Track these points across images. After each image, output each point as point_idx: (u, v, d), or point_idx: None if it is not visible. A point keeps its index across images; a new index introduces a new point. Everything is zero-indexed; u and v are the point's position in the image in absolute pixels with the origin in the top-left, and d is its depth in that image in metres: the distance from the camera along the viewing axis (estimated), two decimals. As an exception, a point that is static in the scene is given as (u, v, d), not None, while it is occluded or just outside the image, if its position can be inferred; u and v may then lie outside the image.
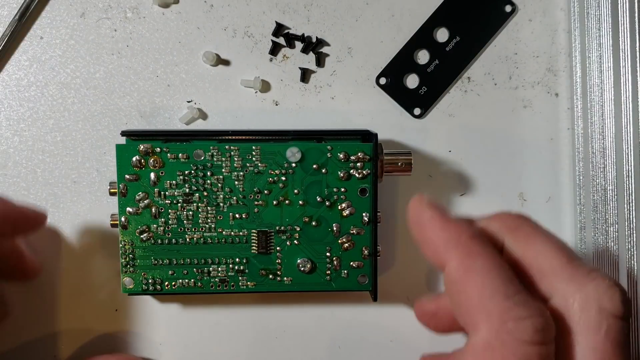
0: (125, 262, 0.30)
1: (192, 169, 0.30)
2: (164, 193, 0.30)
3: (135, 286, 0.30)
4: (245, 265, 0.30)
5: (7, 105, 0.34)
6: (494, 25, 0.35)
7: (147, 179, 0.30)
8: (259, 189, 0.30)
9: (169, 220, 0.30)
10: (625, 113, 0.32)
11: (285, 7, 0.35)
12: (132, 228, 0.30)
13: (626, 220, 0.32)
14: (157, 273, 0.30)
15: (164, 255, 0.30)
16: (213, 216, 0.30)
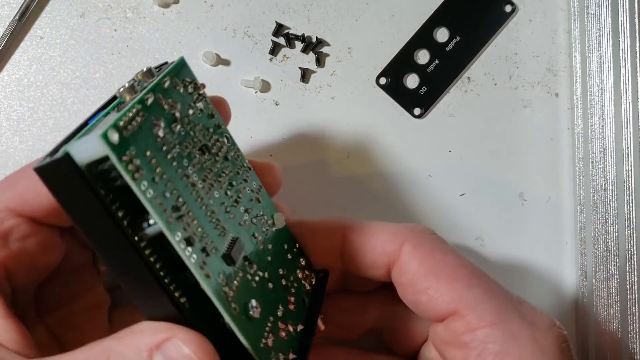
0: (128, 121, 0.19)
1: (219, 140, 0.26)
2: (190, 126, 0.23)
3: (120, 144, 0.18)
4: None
5: (7, 105, 0.34)
6: (494, 25, 0.35)
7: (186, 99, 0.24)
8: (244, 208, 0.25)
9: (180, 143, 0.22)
10: (625, 113, 0.32)
11: (285, 7, 0.35)
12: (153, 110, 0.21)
13: (626, 220, 0.32)
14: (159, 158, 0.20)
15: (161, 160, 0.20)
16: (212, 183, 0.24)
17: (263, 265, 0.24)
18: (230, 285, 0.21)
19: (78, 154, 0.18)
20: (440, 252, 0.25)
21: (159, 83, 0.22)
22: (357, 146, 0.35)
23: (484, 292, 0.24)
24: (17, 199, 0.23)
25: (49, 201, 0.23)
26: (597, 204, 0.33)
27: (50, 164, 0.18)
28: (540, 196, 0.35)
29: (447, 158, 0.35)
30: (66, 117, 0.34)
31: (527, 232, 0.35)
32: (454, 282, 0.24)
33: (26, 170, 0.24)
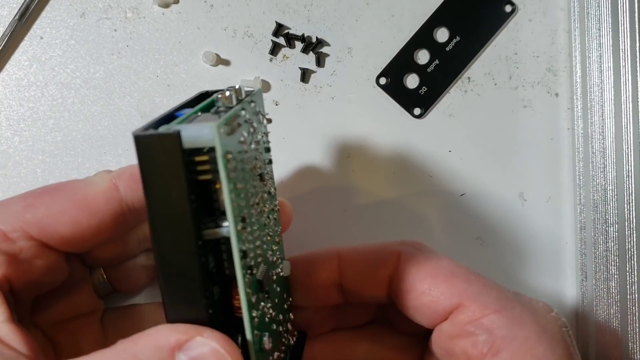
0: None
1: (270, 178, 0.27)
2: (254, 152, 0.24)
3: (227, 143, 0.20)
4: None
5: (7, 105, 0.34)
6: (494, 25, 0.35)
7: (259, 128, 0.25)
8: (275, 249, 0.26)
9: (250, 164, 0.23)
10: (625, 113, 0.32)
11: (285, 7, 0.35)
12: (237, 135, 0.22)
13: (626, 220, 0.32)
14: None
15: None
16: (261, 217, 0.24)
17: (273, 305, 0.24)
18: (257, 309, 0.22)
19: (186, 136, 0.18)
20: (434, 257, 0.27)
21: (249, 103, 0.22)
22: (357, 146, 0.35)
23: (483, 285, 0.25)
24: (35, 223, 0.24)
25: (67, 231, 0.24)
26: (597, 204, 0.33)
27: (157, 136, 0.18)
28: (540, 196, 0.35)
29: (447, 158, 0.35)
30: (66, 117, 0.34)
31: (527, 232, 0.35)
32: (453, 280, 0.25)
33: (50, 193, 0.24)
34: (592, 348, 0.33)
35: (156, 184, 0.19)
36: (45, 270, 0.25)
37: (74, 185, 0.25)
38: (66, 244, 0.24)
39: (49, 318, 0.27)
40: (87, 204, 0.24)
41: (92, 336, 0.28)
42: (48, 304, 0.27)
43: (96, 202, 0.24)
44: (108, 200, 0.24)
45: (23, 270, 0.24)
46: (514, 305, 0.24)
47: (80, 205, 0.24)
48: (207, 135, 0.18)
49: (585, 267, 0.34)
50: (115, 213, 0.25)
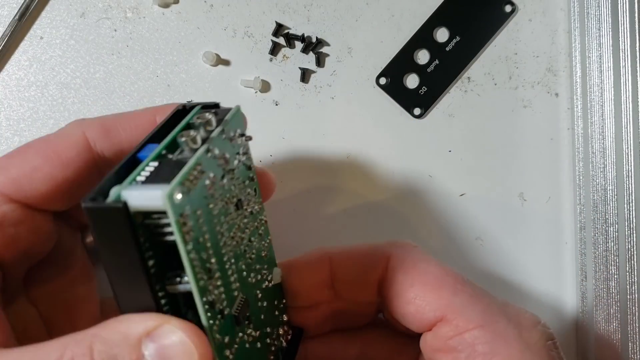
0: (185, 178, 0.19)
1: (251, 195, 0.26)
2: (231, 181, 0.23)
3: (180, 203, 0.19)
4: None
5: (7, 105, 0.34)
6: (494, 25, 0.35)
7: (233, 152, 0.24)
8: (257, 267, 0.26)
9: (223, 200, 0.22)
10: (625, 113, 0.32)
11: (285, 7, 0.35)
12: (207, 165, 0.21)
13: (626, 220, 0.32)
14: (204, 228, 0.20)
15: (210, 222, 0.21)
16: (239, 242, 0.24)
17: (257, 324, 0.24)
18: (231, 347, 0.21)
19: (133, 201, 0.18)
20: (423, 262, 0.26)
21: (219, 135, 0.21)
22: (357, 146, 0.35)
23: (469, 296, 0.25)
24: (10, 184, 0.23)
25: (44, 187, 0.23)
26: (597, 204, 0.33)
27: (104, 209, 0.18)
28: (540, 196, 0.35)
29: (447, 158, 0.35)
30: (66, 117, 0.34)
31: (527, 232, 0.35)
32: (440, 290, 0.25)
33: (20, 153, 0.24)
34: (592, 348, 0.33)
35: (108, 249, 0.18)
36: (32, 234, 0.24)
37: (45, 140, 0.24)
38: (47, 201, 0.24)
39: (43, 292, 0.26)
40: (58, 157, 0.24)
41: (89, 314, 0.28)
42: (41, 276, 0.26)
43: (67, 154, 0.24)
44: (80, 151, 0.24)
45: (9, 237, 0.23)
46: (498, 320, 0.24)
47: (52, 159, 0.23)
48: (157, 202, 0.17)
49: (585, 267, 0.34)
50: (89, 163, 0.24)
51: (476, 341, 0.23)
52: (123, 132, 0.25)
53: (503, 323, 0.24)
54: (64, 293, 0.27)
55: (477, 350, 0.23)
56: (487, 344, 0.23)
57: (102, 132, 0.24)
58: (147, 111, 0.25)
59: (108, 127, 0.24)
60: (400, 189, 0.35)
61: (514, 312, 0.25)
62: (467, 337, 0.24)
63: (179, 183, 0.18)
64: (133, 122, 0.25)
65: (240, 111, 0.23)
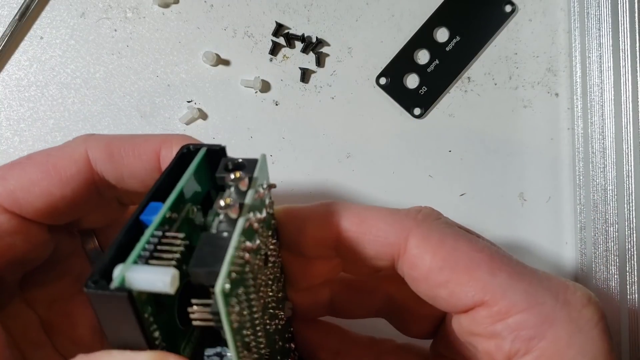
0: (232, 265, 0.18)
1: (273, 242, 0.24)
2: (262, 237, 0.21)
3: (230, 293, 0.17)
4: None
5: (7, 105, 0.34)
6: (494, 25, 0.35)
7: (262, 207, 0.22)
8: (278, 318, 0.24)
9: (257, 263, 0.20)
10: (625, 113, 0.32)
11: (285, 7, 0.35)
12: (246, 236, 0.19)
13: (626, 220, 0.32)
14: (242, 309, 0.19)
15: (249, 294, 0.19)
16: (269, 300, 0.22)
17: (272, 351, 0.23)
18: None
19: (139, 285, 0.17)
20: (451, 238, 0.23)
21: (252, 199, 0.19)
22: (357, 146, 0.35)
23: (509, 275, 0.22)
24: (7, 195, 0.23)
25: (40, 202, 0.23)
26: (597, 204, 0.33)
27: (108, 296, 0.17)
28: (540, 196, 0.35)
29: (447, 158, 0.35)
30: (66, 117, 0.34)
31: (527, 232, 0.35)
32: (475, 271, 0.22)
33: (21, 164, 0.24)
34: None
35: (112, 330, 0.18)
36: (27, 244, 0.24)
37: (46, 153, 0.24)
38: (42, 216, 0.23)
39: (42, 296, 0.26)
40: (58, 173, 0.23)
41: (88, 318, 0.27)
42: (39, 280, 0.26)
43: (67, 171, 0.23)
44: (80, 169, 0.23)
45: (4, 247, 0.23)
46: (544, 300, 0.21)
47: (51, 175, 0.23)
48: (166, 288, 0.16)
49: (585, 267, 0.34)
50: (88, 182, 0.24)
51: (520, 326, 0.21)
52: (126, 158, 0.24)
53: (549, 304, 0.21)
54: (63, 298, 0.27)
55: (522, 335, 0.21)
56: (533, 328, 0.21)
57: (106, 154, 0.24)
58: (152, 140, 0.24)
59: (112, 149, 0.24)
60: (400, 189, 0.35)
61: (561, 288, 0.22)
62: (511, 322, 0.21)
63: (227, 274, 0.16)
64: (137, 150, 0.24)
65: (266, 161, 0.21)
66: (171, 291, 0.16)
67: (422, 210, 0.24)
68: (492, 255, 0.22)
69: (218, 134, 0.34)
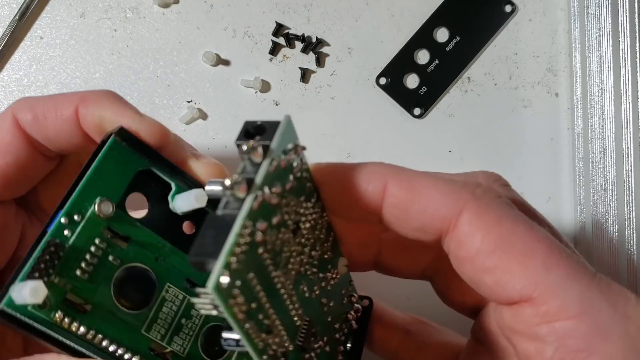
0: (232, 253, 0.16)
1: (310, 205, 0.21)
2: (288, 208, 0.19)
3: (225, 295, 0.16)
4: (288, 353, 0.20)
5: (7, 105, 0.34)
6: (494, 25, 0.35)
7: (286, 177, 0.19)
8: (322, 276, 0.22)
9: (278, 241, 0.18)
10: (625, 113, 0.32)
11: (285, 7, 0.35)
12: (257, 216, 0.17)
13: (626, 220, 0.32)
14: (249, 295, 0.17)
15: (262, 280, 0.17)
16: (297, 270, 0.20)
17: (324, 331, 0.22)
18: None
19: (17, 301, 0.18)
20: (509, 220, 0.20)
21: (265, 174, 0.17)
22: (357, 146, 0.35)
23: (566, 273, 0.19)
24: None
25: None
26: (597, 204, 0.33)
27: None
28: (540, 196, 0.35)
29: (447, 158, 0.35)
30: (66, 117, 0.34)
31: (527, 232, 0.35)
32: (529, 261, 0.19)
33: None
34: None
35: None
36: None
37: None
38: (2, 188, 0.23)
39: None
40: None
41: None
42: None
43: (2, 141, 0.23)
44: (14, 135, 0.23)
45: None
46: (600, 308, 0.19)
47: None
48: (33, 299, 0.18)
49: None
50: (27, 147, 0.23)
51: (569, 334, 0.19)
52: (49, 119, 0.23)
53: (605, 313, 0.19)
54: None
55: (569, 345, 0.19)
56: (583, 339, 0.18)
57: (31, 116, 0.23)
58: (71, 99, 0.24)
59: (35, 111, 0.23)
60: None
61: (621, 298, 0.19)
62: (558, 327, 0.19)
63: (224, 265, 0.15)
64: (58, 110, 0.23)
65: (290, 123, 0.19)
66: (36, 301, 0.17)
67: (482, 183, 0.21)
68: (552, 247, 0.19)
69: (218, 134, 0.34)
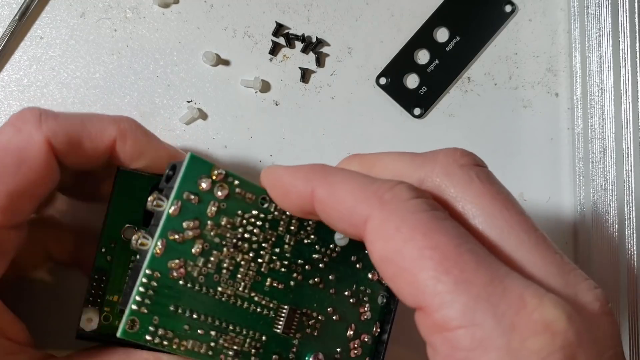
0: (140, 300, 0.21)
1: (254, 214, 0.23)
2: (217, 230, 0.22)
3: (139, 332, 0.21)
4: (262, 343, 0.24)
5: (7, 105, 0.34)
6: (494, 25, 0.35)
7: (204, 207, 0.22)
8: (303, 261, 0.25)
9: (208, 264, 0.22)
10: (625, 113, 0.32)
11: (285, 7, 0.35)
12: (165, 259, 0.21)
13: (626, 220, 0.32)
14: (172, 323, 0.21)
15: (187, 303, 0.22)
16: (253, 275, 0.23)
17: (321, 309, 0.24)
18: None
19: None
20: (408, 227, 0.19)
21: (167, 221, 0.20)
22: (357, 146, 0.35)
23: (454, 283, 0.18)
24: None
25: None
26: (597, 204, 0.33)
27: None
28: (540, 196, 0.35)
29: (447, 158, 0.35)
30: (66, 117, 0.34)
31: (527, 232, 0.35)
32: (418, 273, 0.19)
33: None
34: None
35: None
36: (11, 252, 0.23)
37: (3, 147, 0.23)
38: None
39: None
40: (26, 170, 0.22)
41: None
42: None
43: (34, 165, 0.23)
44: (48, 163, 0.23)
45: None
46: (483, 320, 0.18)
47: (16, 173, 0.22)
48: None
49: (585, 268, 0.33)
50: (57, 173, 0.23)
51: (455, 345, 0.18)
52: (84, 146, 0.24)
53: (489, 325, 0.18)
54: None
55: (455, 356, 0.19)
56: (465, 351, 0.18)
57: (66, 141, 0.23)
58: (108, 131, 0.24)
59: (70, 137, 0.23)
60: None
61: (514, 305, 0.18)
62: (449, 337, 0.19)
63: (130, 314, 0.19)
64: (94, 140, 0.24)
65: (193, 158, 0.21)
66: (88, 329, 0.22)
67: (397, 186, 0.20)
68: (447, 253, 0.18)
69: (218, 134, 0.34)
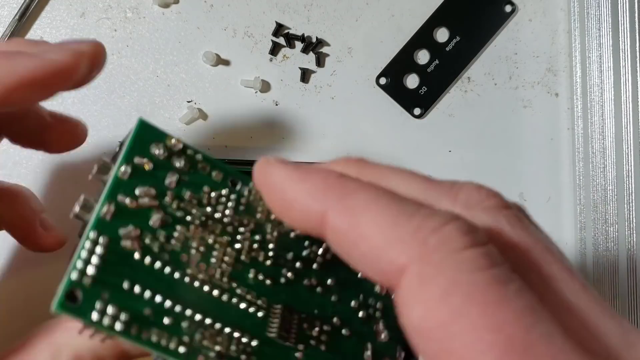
0: (82, 267, 0.17)
1: (224, 194, 0.20)
2: (179, 203, 0.19)
3: (82, 307, 0.16)
4: (253, 349, 0.19)
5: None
6: (494, 25, 0.35)
7: (162, 176, 0.19)
8: (293, 256, 0.21)
9: (172, 240, 0.19)
10: (625, 113, 0.32)
11: (285, 7, 0.35)
12: (115, 224, 0.18)
13: (626, 220, 0.32)
14: (129, 304, 0.17)
15: (147, 283, 0.18)
16: (231, 262, 0.19)
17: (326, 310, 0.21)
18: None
19: None
20: (462, 293, 0.14)
21: (115, 182, 0.18)
22: (357, 146, 0.35)
23: None
24: None
25: None
26: (597, 204, 0.33)
27: None
28: (540, 196, 0.35)
29: (447, 158, 0.35)
30: (66, 117, 0.34)
31: (527, 232, 0.35)
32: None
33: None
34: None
35: None
36: None
37: None
38: None
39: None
40: None
41: None
42: None
43: None
44: None
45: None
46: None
47: None
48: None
49: (585, 268, 0.34)
50: None
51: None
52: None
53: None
54: None
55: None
56: None
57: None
58: None
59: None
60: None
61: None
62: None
63: (63, 295, 0.16)
64: None
65: (143, 124, 0.19)
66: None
67: (447, 226, 0.15)
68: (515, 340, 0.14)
69: (218, 134, 0.34)
